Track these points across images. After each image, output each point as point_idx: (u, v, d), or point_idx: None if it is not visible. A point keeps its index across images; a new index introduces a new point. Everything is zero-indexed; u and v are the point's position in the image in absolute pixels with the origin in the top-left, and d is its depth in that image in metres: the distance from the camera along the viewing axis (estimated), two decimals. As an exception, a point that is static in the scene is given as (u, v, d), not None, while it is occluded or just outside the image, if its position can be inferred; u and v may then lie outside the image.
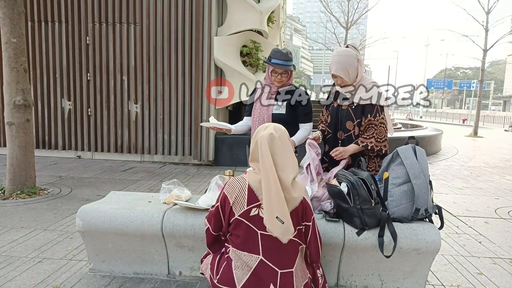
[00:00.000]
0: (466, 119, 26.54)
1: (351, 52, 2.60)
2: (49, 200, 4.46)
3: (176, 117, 7.06)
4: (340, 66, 2.58)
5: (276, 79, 2.82)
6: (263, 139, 1.84)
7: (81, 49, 7.09)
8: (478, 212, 4.53)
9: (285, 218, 1.77)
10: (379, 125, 2.60)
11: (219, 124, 2.79)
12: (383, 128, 2.60)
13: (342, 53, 2.61)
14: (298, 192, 1.86)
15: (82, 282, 2.52)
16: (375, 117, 2.60)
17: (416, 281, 2.38)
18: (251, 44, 7.33)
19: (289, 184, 1.81)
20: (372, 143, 2.58)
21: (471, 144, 12.93)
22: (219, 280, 1.89)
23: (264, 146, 1.83)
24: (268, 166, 1.79)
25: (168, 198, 2.66)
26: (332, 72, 2.64)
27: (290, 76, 2.87)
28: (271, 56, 2.80)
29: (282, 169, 1.82)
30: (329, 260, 2.39)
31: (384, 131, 2.61)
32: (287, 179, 1.81)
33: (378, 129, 2.60)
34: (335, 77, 2.65)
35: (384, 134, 2.61)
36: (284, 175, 1.81)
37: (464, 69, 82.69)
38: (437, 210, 2.40)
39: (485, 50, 15.45)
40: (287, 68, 2.79)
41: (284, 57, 2.76)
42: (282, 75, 2.81)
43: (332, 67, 2.63)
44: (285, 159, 1.84)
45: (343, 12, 21.18)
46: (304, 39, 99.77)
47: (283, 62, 2.77)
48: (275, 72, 2.80)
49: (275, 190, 1.76)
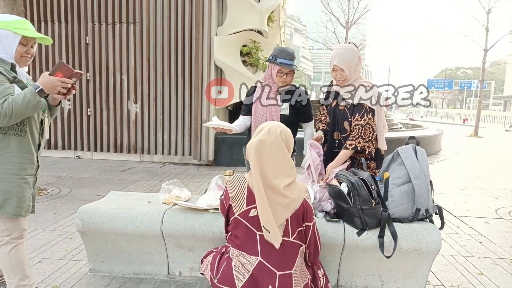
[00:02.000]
0: (467, 119, 26.53)
1: (353, 48, 2.63)
2: (49, 200, 4.45)
3: (176, 117, 7.06)
4: (343, 59, 2.58)
5: (281, 79, 2.80)
6: (251, 147, 1.82)
7: (81, 49, 7.09)
8: (479, 212, 4.53)
9: (270, 228, 1.77)
10: (365, 125, 2.58)
11: (222, 124, 2.79)
12: (368, 129, 2.58)
13: (346, 47, 2.63)
14: (298, 192, 1.84)
15: (81, 282, 2.51)
16: (362, 117, 2.59)
17: (416, 282, 2.38)
18: (251, 43, 7.33)
19: (281, 188, 1.79)
20: (360, 143, 2.57)
21: (472, 144, 12.92)
22: (219, 280, 1.88)
23: (251, 155, 1.81)
24: (255, 176, 1.79)
25: (167, 198, 2.65)
26: (334, 64, 2.62)
27: (293, 75, 2.87)
28: (276, 56, 2.76)
29: (273, 176, 1.80)
30: (329, 260, 2.39)
31: (369, 131, 2.58)
32: (279, 185, 1.79)
33: (364, 129, 2.58)
34: (335, 70, 2.64)
35: (369, 135, 2.58)
36: (276, 182, 1.79)
37: (465, 69, 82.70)
38: (438, 210, 2.40)
39: (485, 50, 15.45)
40: (292, 67, 2.78)
41: (290, 56, 2.76)
42: (288, 75, 2.80)
43: (334, 59, 2.62)
44: (279, 166, 1.81)
45: (344, 12, 21.17)
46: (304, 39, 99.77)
47: (290, 62, 2.76)
48: (281, 72, 2.77)
49: (259, 201, 1.76)
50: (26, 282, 2.01)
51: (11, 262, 1.97)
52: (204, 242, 2.43)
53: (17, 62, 1.96)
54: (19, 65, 1.97)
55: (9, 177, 1.93)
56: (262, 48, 7.43)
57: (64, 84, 1.88)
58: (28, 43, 1.96)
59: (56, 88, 1.88)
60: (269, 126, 1.89)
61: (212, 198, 2.55)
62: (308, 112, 2.94)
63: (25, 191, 1.99)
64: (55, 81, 1.87)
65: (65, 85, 1.89)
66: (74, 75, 1.90)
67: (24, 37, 1.93)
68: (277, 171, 1.81)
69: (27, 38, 1.94)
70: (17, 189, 1.95)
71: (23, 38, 1.92)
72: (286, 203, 1.80)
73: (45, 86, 1.86)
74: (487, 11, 15.17)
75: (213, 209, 2.48)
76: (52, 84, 1.87)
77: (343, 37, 21.18)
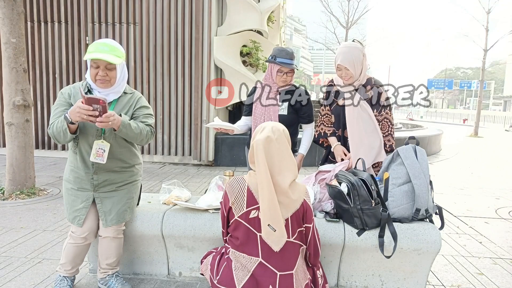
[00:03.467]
0: (467, 119, 26.53)
1: (358, 46, 2.62)
2: (49, 201, 4.45)
3: (176, 117, 7.06)
4: (347, 57, 2.57)
5: (281, 79, 2.80)
6: (259, 144, 1.80)
7: (81, 49, 7.09)
8: (479, 212, 4.53)
9: (277, 226, 1.76)
10: (382, 120, 2.66)
11: (223, 125, 2.79)
12: (386, 123, 2.66)
13: (349, 45, 2.62)
14: (298, 194, 1.84)
15: (81, 282, 2.51)
16: (380, 112, 2.66)
17: (416, 282, 2.38)
18: (251, 44, 7.33)
19: (287, 187, 1.79)
20: (390, 141, 2.67)
21: (472, 144, 12.92)
22: (219, 280, 1.88)
23: (259, 151, 1.79)
24: (263, 172, 1.76)
25: (167, 199, 2.65)
26: (338, 63, 2.61)
27: (293, 75, 2.86)
28: (275, 55, 2.76)
29: (279, 172, 1.79)
30: (329, 260, 2.39)
31: (388, 125, 2.67)
32: (284, 182, 1.79)
33: (381, 124, 2.66)
34: (340, 69, 2.63)
35: (388, 129, 2.67)
36: (280, 179, 1.79)
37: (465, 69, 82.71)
38: (438, 210, 2.40)
39: (485, 50, 15.45)
40: (293, 67, 2.78)
41: (289, 56, 2.76)
42: (288, 74, 2.79)
43: (338, 58, 2.61)
44: (283, 162, 1.82)
45: (343, 12, 21.16)
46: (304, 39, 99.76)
47: (289, 61, 2.76)
48: (281, 71, 2.77)
49: (268, 197, 1.74)
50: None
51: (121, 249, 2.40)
52: (204, 242, 2.43)
53: (96, 84, 2.15)
54: (98, 87, 2.16)
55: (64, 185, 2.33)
56: (262, 48, 7.43)
57: (84, 111, 1.95)
58: (100, 66, 2.09)
59: (77, 115, 1.96)
60: (271, 125, 1.90)
61: (212, 198, 2.55)
62: (307, 112, 2.90)
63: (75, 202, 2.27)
64: (75, 107, 1.98)
65: (85, 112, 1.95)
66: (93, 100, 1.96)
67: (92, 60, 2.09)
68: (282, 167, 1.81)
69: (95, 61, 2.09)
70: (67, 198, 2.31)
71: (92, 61, 2.09)
72: (287, 203, 1.80)
73: (69, 113, 2.01)
74: (487, 11, 15.17)
75: (213, 209, 2.48)
76: (73, 110, 1.98)
77: (343, 37, 21.15)
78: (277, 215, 1.75)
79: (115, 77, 2.16)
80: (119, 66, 2.16)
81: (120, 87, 2.23)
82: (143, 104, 2.33)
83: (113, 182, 2.29)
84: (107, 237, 2.30)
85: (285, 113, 2.83)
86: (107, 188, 2.29)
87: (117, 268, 2.40)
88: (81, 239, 2.27)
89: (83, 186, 2.26)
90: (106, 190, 2.29)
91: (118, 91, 2.23)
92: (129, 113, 2.26)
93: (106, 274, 2.36)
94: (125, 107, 2.26)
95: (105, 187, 2.28)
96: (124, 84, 2.26)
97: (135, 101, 2.30)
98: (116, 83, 2.19)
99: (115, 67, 2.14)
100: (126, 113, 2.24)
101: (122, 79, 2.23)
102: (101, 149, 2.17)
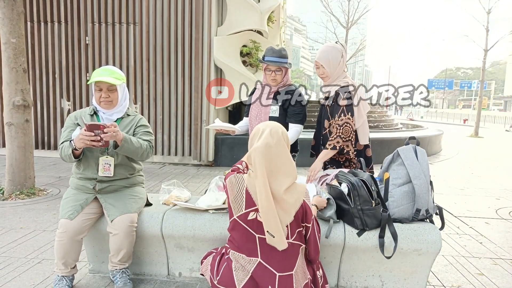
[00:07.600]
0: (467, 119, 26.52)
1: (337, 46, 2.70)
2: (49, 201, 4.45)
3: (175, 117, 7.05)
4: (324, 55, 2.66)
5: (270, 77, 2.79)
6: (258, 152, 1.77)
7: (81, 49, 7.09)
8: (479, 213, 4.52)
9: (276, 233, 1.76)
10: (343, 125, 2.62)
11: (224, 126, 2.78)
12: (348, 128, 2.61)
13: (329, 45, 2.72)
14: (297, 195, 1.83)
15: (81, 283, 2.51)
16: (340, 117, 2.63)
17: (416, 282, 2.37)
18: (251, 44, 7.32)
19: (282, 193, 1.77)
20: (339, 143, 2.61)
21: (472, 144, 12.91)
22: (219, 281, 1.88)
23: (258, 159, 1.77)
24: (261, 182, 1.75)
25: (167, 199, 2.65)
26: (315, 60, 2.74)
27: (285, 74, 2.81)
28: (264, 55, 2.78)
29: (275, 178, 1.78)
30: (329, 260, 2.38)
31: (349, 130, 2.62)
32: (279, 190, 1.77)
33: (342, 129, 2.61)
34: (318, 67, 2.73)
35: (349, 134, 2.62)
36: (276, 185, 1.77)
37: (465, 69, 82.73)
38: (438, 210, 2.39)
39: (485, 50, 15.45)
40: (279, 64, 2.73)
41: (276, 53, 2.73)
42: (276, 72, 2.76)
43: (316, 56, 2.74)
44: (281, 168, 1.80)
45: (344, 12, 21.17)
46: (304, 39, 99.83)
47: (275, 58, 2.73)
48: (268, 70, 2.77)
49: (266, 206, 1.74)
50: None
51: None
52: (204, 242, 2.43)
53: (100, 106, 2.37)
54: (102, 108, 2.37)
55: (68, 191, 2.46)
56: (262, 49, 7.42)
57: (86, 138, 2.14)
58: (102, 88, 2.32)
59: (80, 141, 2.17)
60: (269, 127, 1.85)
61: (212, 198, 2.54)
62: (295, 112, 2.79)
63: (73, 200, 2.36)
64: (78, 135, 2.19)
65: (88, 138, 2.14)
66: (94, 127, 2.14)
67: (95, 84, 2.32)
68: (279, 172, 1.79)
69: (97, 84, 2.32)
70: (66, 197, 2.41)
71: (95, 85, 2.32)
72: (286, 208, 1.80)
73: (74, 140, 2.22)
74: (487, 11, 15.16)
75: (213, 210, 2.48)
76: (77, 138, 2.19)
77: (343, 37, 21.17)
78: (275, 224, 1.75)
79: (117, 98, 2.37)
80: (119, 87, 2.36)
81: (123, 107, 2.44)
82: (143, 123, 2.53)
83: (116, 186, 2.44)
84: (116, 234, 2.30)
85: (277, 115, 2.81)
86: (110, 189, 2.42)
87: (125, 264, 2.41)
88: (62, 234, 2.25)
89: (86, 191, 2.40)
90: (109, 191, 2.42)
91: (121, 111, 2.44)
92: (130, 132, 2.45)
93: (114, 268, 2.40)
94: (127, 127, 2.45)
95: (108, 191, 2.42)
96: (126, 104, 2.47)
97: (136, 122, 2.50)
98: (118, 103, 2.40)
99: (116, 89, 2.35)
100: (128, 132, 2.43)
101: (124, 99, 2.44)
102: (107, 164, 2.36)
